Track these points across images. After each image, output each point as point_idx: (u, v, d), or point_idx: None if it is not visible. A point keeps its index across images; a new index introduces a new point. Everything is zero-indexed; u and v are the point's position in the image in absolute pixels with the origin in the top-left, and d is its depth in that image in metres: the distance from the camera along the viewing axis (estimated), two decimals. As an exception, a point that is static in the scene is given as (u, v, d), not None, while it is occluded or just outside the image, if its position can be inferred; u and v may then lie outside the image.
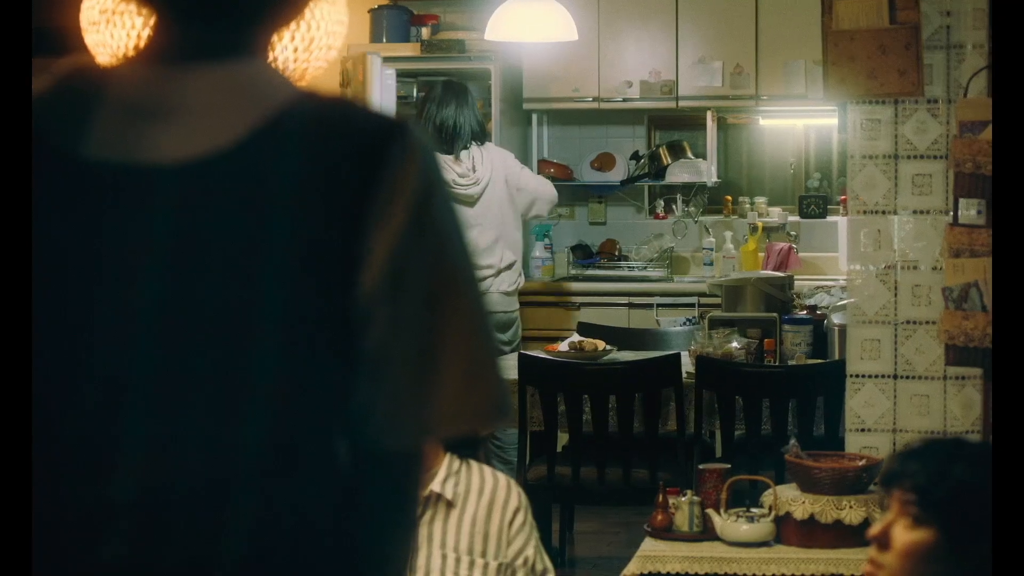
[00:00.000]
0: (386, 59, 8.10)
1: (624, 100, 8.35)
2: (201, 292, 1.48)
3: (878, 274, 4.82)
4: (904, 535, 2.49)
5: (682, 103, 8.31)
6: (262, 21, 1.58)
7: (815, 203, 8.43)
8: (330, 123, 1.52)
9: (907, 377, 4.83)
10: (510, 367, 5.68)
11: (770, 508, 4.36)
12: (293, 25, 1.64)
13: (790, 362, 5.74)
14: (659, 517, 4.48)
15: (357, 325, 1.49)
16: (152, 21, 1.57)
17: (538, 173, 8.56)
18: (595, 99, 8.37)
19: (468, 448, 3.79)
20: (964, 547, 2.45)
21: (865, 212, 4.83)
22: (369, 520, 1.53)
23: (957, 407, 4.77)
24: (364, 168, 1.49)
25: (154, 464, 1.47)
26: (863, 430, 4.79)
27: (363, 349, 1.50)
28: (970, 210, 4.67)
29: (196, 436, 1.47)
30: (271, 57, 1.60)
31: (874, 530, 2.56)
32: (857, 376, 4.87)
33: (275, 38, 1.61)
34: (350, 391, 1.50)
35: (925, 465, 2.48)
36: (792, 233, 8.44)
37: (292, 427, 1.48)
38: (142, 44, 1.57)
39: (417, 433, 1.56)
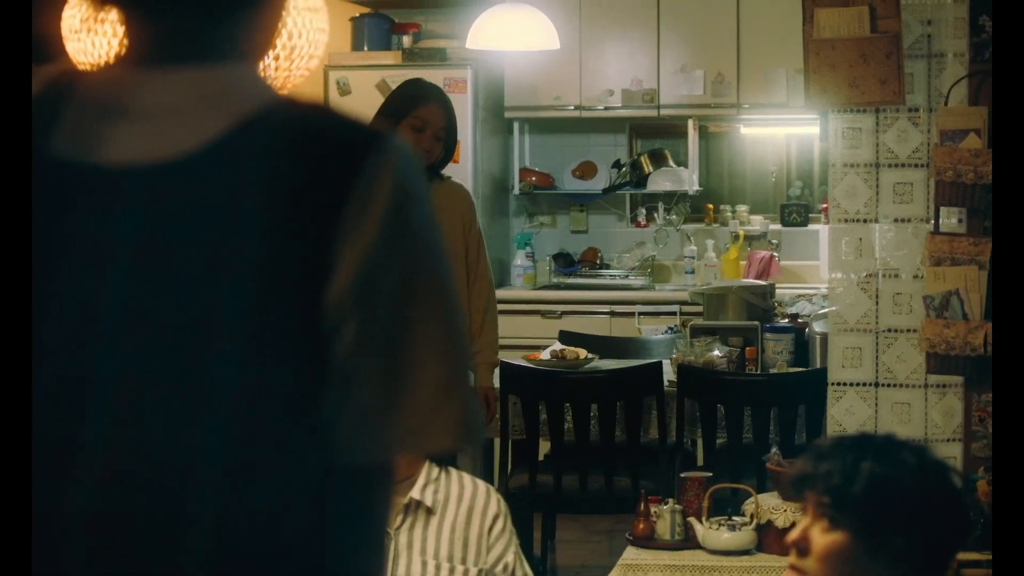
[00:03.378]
0: (367, 67, 8.09)
1: (606, 108, 8.35)
2: (164, 296, 1.45)
3: (859, 282, 4.83)
4: (821, 538, 2.45)
5: (664, 111, 8.32)
6: (235, 18, 1.55)
7: (796, 211, 8.45)
8: (305, 130, 1.49)
9: (888, 385, 4.84)
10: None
11: (752, 516, 4.36)
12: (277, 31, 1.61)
13: (772, 370, 5.74)
14: (641, 525, 4.48)
15: (326, 336, 1.46)
16: (125, 23, 1.54)
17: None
18: (577, 107, 8.37)
19: (447, 457, 3.79)
20: (877, 545, 2.42)
21: (846, 220, 4.84)
22: (336, 532, 1.50)
23: (938, 415, 4.78)
24: (337, 177, 1.46)
25: (113, 469, 1.44)
26: (844, 438, 4.80)
27: (331, 361, 1.47)
28: (951, 218, 4.68)
29: (155, 441, 1.44)
30: (259, 63, 1.58)
31: (793, 535, 2.51)
32: (838, 384, 4.88)
33: (262, 43, 1.58)
34: (318, 402, 1.47)
35: (835, 465, 2.45)
36: (773, 241, 8.45)
37: (254, 435, 1.45)
38: (121, 50, 1.55)
39: (384, 449, 1.53)
